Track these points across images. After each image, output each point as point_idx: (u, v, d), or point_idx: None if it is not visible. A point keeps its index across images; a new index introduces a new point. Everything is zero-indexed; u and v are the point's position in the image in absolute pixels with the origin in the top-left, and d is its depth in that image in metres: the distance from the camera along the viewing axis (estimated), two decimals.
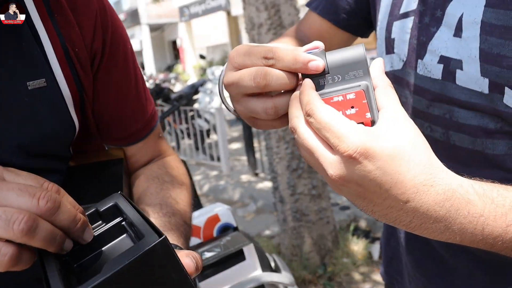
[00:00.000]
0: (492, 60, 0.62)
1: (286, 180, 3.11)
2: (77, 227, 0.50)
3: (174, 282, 0.46)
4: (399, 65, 0.76)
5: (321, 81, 0.50)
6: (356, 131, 0.44)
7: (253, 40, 3.03)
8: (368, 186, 0.45)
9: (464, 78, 0.65)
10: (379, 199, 0.46)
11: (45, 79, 0.68)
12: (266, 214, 4.35)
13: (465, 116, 0.67)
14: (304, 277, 3.06)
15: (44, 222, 0.47)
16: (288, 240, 3.23)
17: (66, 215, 0.49)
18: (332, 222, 3.26)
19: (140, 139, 0.88)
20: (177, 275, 0.46)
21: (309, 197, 3.12)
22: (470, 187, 0.48)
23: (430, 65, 0.70)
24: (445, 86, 0.68)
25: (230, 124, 7.70)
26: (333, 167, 0.45)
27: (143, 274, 0.44)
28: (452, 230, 0.47)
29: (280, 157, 3.10)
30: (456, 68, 0.66)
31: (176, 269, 0.46)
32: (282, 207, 3.20)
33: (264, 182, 5.29)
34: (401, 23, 0.75)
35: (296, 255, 3.21)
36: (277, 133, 3.06)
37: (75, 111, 0.75)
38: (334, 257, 3.21)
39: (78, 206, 0.52)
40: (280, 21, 2.91)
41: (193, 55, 23.45)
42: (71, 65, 0.73)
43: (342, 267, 3.12)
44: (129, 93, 0.84)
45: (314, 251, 3.18)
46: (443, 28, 0.68)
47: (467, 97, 0.66)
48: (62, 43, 0.72)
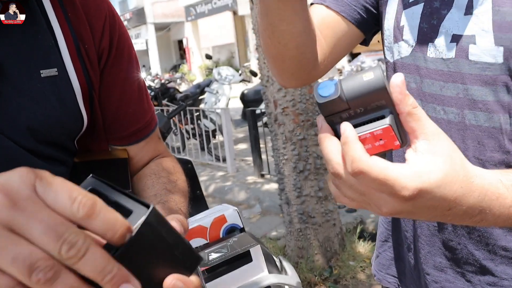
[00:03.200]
0: (506, 28, 0.65)
1: (292, 182, 3.10)
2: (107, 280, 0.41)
3: (171, 245, 0.47)
4: (407, 51, 0.78)
5: (343, 115, 0.49)
6: (406, 177, 0.46)
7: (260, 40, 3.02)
8: (418, 212, 0.50)
9: (477, 52, 0.69)
10: (426, 216, 0.52)
11: (56, 69, 0.74)
12: (272, 216, 4.34)
13: (479, 92, 0.70)
14: (310, 280, 3.04)
15: (67, 274, 0.39)
16: (294, 242, 3.22)
17: (93, 265, 0.40)
18: (338, 225, 3.24)
19: (142, 138, 0.92)
20: (172, 238, 0.47)
21: (315, 199, 3.10)
22: (499, 182, 0.54)
23: (442, 46, 0.72)
24: (458, 63, 0.71)
25: (236, 125, 7.69)
26: (388, 206, 0.49)
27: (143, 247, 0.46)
28: (486, 220, 0.54)
29: (287, 159, 3.08)
30: (469, 44, 0.69)
31: (171, 233, 0.47)
32: (288, 209, 3.18)
33: (270, 183, 5.28)
34: (411, 10, 0.77)
35: (302, 257, 3.19)
36: (284, 134, 3.05)
37: (84, 105, 0.79)
38: (340, 259, 3.19)
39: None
40: None
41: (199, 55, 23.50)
42: (81, 60, 0.78)
43: (348, 270, 3.10)
44: (132, 94, 0.89)
45: (320, 253, 3.16)
46: (453, 9, 0.71)
47: (481, 70, 0.69)
48: (74, 38, 0.78)
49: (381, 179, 0.46)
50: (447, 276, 0.82)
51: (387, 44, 0.84)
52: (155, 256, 0.47)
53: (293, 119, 3.01)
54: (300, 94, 2.98)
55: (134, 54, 0.90)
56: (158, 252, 0.47)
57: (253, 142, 5.54)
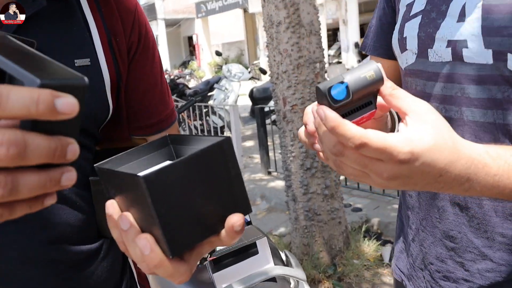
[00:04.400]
0: (493, 32, 0.73)
1: (299, 179, 3.12)
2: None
3: (232, 178, 0.50)
4: (412, 58, 0.87)
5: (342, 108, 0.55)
6: (401, 142, 0.52)
7: (271, 38, 3.04)
8: (414, 176, 0.54)
9: (470, 55, 0.76)
10: (420, 182, 0.56)
11: (89, 59, 0.77)
12: (278, 213, 4.36)
13: (475, 91, 0.77)
14: (314, 276, 3.06)
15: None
16: (299, 239, 3.24)
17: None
18: (344, 223, 3.26)
19: (163, 129, 0.95)
20: (235, 173, 0.51)
21: (321, 197, 3.12)
22: (486, 153, 0.59)
23: (440, 51, 0.80)
24: (455, 66, 0.79)
25: (244, 122, 7.71)
26: (388, 172, 0.53)
27: (207, 167, 0.48)
28: (474, 188, 0.58)
29: (294, 156, 3.10)
30: (462, 48, 0.77)
31: (235, 167, 0.50)
32: (294, 206, 3.20)
33: (276, 181, 5.30)
34: (411, 23, 0.87)
35: (306, 254, 3.21)
36: (292, 132, 3.07)
37: (111, 95, 0.82)
38: (344, 257, 3.21)
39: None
40: (299, 19, 2.91)
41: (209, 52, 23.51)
42: (112, 51, 0.82)
43: (352, 268, 3.12)
44: (155, 86, 0.92)
45: (324, 250, 3.18)
46: (448, 18, 0.80)
47: (475, 71, 0.76)
48: (106, 31, 0.81)
49: (381, 147, 0.51)
50: (447, 267, 0.87)
51: (397, 54, 0.93)
52: (214, 182, 0.49)
53: (301, 116, 3.02)
54: (309, 92, 2.99)
55: (158, 51, 0.95)
56: (218, 179, 0.49)
57: (261, 139, 5.55)
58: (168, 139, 0.63)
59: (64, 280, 0.78)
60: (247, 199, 0.52)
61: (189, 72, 16.74)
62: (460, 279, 0.86)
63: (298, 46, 2.94)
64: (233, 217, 0.49)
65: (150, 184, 0.44)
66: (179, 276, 0.49)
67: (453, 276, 0.87)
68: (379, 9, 1.04)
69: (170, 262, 0.47)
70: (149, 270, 0.49)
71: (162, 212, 0.45)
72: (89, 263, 0.81)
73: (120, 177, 0.51)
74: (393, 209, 4.08)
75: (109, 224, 0.53)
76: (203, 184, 0.48)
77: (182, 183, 0.47)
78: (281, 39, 2.97)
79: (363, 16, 16.54)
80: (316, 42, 3.00)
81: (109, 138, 0.90)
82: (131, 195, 0.50)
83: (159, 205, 0.45)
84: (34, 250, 0.73)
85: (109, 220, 0.52)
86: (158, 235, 0.47)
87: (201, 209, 0.49)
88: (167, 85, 0.97)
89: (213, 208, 0.50)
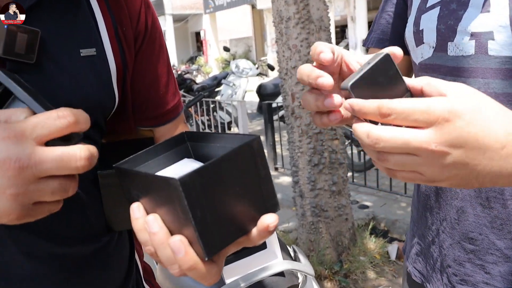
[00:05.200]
0: None
1: (306, 175, 3.12)
2: None
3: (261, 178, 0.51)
4: (429, 52, 0.83)
5: None
6: (436, 100, 0.48)
7: (280, 33, 3.03)
8: (467, 143, 0.48)
9: (496, 47, 0.72)
10: (480, 155, 0.49)
11: (95, 49, 0.76)
12: (284, 209, 4.36)
13: (500, 85, 0.73)
14: (320, 273, 3.06)
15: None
16: (305, 235, 3.24)
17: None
18: (350, 220, 3.25)
19: (169, 120, 0.94)
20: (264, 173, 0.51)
21: (329, 193, 3.11)
22: None
23: (461, 44, 0.76)
24: (479, 59, 0.75)
25: (252, 118, 7.71)
26: (433, 140, 0.48)
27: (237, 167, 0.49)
28: None
29: (302, 152, 3.10)
30: (488, 40, 0.73)
31: (264, 167, 0.51)
32: (301, 202, 3.20)
33: (283, 177, 5.30)
34: (428, 14, 0.82)
35: (313, 250, 3.21)
36: (300, 128, 3.06)
37: (117, 85, 0.81)
38: (351, 254, 3.21)
39: None
40: (309, 15, 2.90)
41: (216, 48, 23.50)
42: (118, 42, 0.81)
43: (359, 265, 3.12)
44: (162, 77, 0.91)
45: (331, 247, 3.18)
46: (470, 9, 0.75)
47: (501, 64, 0.72)
48: (112, 21, 0.80)
49: (410, 107, 0.48)
50: (465, 270, 0.84)
51: (411, 48, 0.88)
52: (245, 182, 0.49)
53: (310, 112, 3.01)
54: None
55: (164, 42, 0.93)
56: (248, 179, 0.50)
57: (268, 135, 5.55)
58: (185, 136, 0.63)
59: (70, 275, 0.77)
60: (275, 198, 0.53)
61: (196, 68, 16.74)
62: (480, 282, 0.82)
63: (308, 42, 2.93)
64: (267, 217, 0.50)
65: (186, 186, 0.44)
66: (211, 277, 0.49)
67: (471, 280, 0.83)
68: (386, 1, 1.00)
69: (203, 264, 0.48)
70: (181, 272, 0.49)
71: (197, 214, 0.45)
72: (96, 259, 0.81)
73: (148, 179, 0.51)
74: (400, 206, 4.07)
75: (135, 227, 0.53)
76: (234, 185, 0.49)
77: (215, 184, 0.47)
78: (291, 35, 2.96)
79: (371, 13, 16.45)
80: (325, 38, 2.99)
81: (114, 130, 0.89)
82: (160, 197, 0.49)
83: (194, 207, 0.45)
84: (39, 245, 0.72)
85: (135, 223, 0.52)
86: (192, 237, 0.47)
87: (233, 210, 0.49)
88: (173, 76, 0.96)
89: (244, 208, 0.50)
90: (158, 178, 0.49)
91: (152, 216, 0.50)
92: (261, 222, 0.49)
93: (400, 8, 0.97)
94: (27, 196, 0.50)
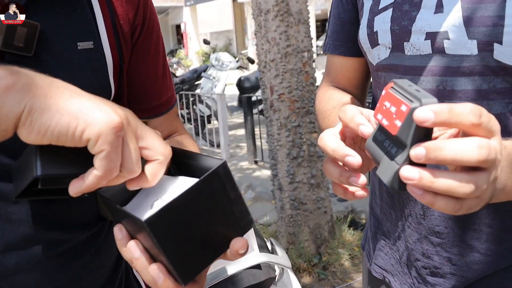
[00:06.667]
0: (477, 22, 0.71)
1: (285, 168, 3.12)
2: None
3: (232, 200, 0.52)
4: (386, 53, 0.85)
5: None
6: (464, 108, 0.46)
7: (259, 26, 3.02)
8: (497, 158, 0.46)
9: (452, 47, 0.74)
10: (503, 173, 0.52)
11: (92, 42, 0.77)
12: (263, 202, 4.36)
13: (459, 82, 0.75)
14: (299, 265, 3.08)
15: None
16: (284, 228, 3.25)
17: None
18: (329, 212, 3.27)
19: (163, 112, 0.96)
20: (234, 195, 0.52)
21: (307, 186, 3.12)
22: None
23: (418, 44, 0.78)
24: (436, 58, 0.77)
25: (232, 111, 7.68)
26: (484, 153, 0.44)
27: (206, 195, 0.50)
28: None
29: (281, 145, 3.10)
30: (443, 39, 0.75)
31: (234, 189, 0.52)
32: (280, 195, 3.21)
33: (262, 170, 5.30)
34: (381, 16, 0.84)
35: (292, 243, 3.22)
36: (279, 121, 3.06)
37: (113, 77, 0.83)
38: (329, 247, 3.23)
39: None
40: (288, 8, 2.90)
41: (197, 41, 23.35)
42: (115, 35, 0.82)
43: (337, 257, 3.14)
44: (158, 70, 0.93)
45: (310, 240, 3.20)
46: (423, 10, 0.78)
47: (458, 63, 0.74)
48: (110, 14, 0.81)
49: (455, 145, 0.43)
50: (434, 263, 0.86)
51: (366, 50, 0.91)
52: (215, 208, 0.51)
53: (288, 105, 3.02)
54: (296, 81, 2.99)
55: (161, 36, 0.95)
56: (218, 205, 0.51)
57: (248, 128, 5.54)
58: None
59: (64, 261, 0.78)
60: (249, 215, 0.54)
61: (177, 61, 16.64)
62: (447, 273, 0.85)
63: (286, 34, 2.93)
64: (236, 242, 0.52)
65: (153, 226, 0.47)
66: None
67: (440, 272, 0.85)
68: (336, 6, 1.02)
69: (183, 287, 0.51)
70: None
71: (168, 247, 0.48)
72: (88, 246, 0.82)
73: (123, 213, 0.53)
74: None
75: (118, 247, 0.56)
76: (204, 213, 0.50)
77: (184, 216, 0.49)
78: (269, 28, 2.95)
79: None
80: (304, 31, 2.98)
81: None
82: (135, 227, 0.52)
83: (165, 242, 0.47)
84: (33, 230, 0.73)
85: (118, 244, 0.56)
86: (168, 266, 0.50)
87: (205, 236, 0.51)
88: (168, 68, 0.98)
89: (218, 232, 0.52)
90: (128, 214, 0.51)
91: (133, 243, 0.53)
92: (231, 248, 0.53)
93: (350, 12, 0.99)
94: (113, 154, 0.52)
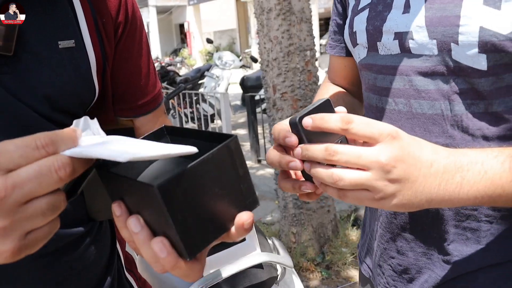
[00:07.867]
0: (436, 22, 0.73)
1: None
2: None
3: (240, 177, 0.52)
4: (364, 53, 0.87)
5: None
6: (381, 123, 0.59)
7: (261, 25, 3.01)
8: (408, 158, 0.57)
9: (416, 46, 0.76)
10: (416, 171, 0.58)
11: (74, 41, 0.76)
12: (267, 201, 4.36)
13: (422, 83, 0.77)
14: (302, 265, 3.07)
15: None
16: (288, 227, 3.24)
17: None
18: (332, 211, 3.27)
19: (150, 111, 0.95)
20: (243, 171, 0.52)
21: None
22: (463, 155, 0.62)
23: (388, 44, 0.80)
24: (403, 58, 0.79)
25: (235, 110, 7.68)
26: (383, 153, 0.57)
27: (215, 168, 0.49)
28: (467, 181, 0.60)
29: None
30: (408, 39, 0.77)
31: (243, 166, 0.52)
32: (284, 194, 3.20)
33: (266, 169, 5.30)
34: (359, 16, 0.86)
35: (295, 242, 3.22)
36: (282, 119, 3.05)
37: (97, 77, 0.82)
38: (333, 246, 3.22)
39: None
40: (290, 6, 2.89)
41: (200, 40, 23.36)
42: (98, 33, 0.81)
43: (341, 257, 3.13)
44: (142, 68, 0.92)
45: (313, 239, 3.19)
46: (393, 10, 0.80)
47: (422, 62, 0.76)
48: (92, 12, 0.80)
49: (366, 126, 0.57)
50: (409, 259, 0.87)
51: (351, 49, 0.93)
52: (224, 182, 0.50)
53: (291, 104, 3.02)
54: (299, 80, 2.98)
55: (145, 34, 0.94)
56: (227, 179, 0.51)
57: (251, 127, 5.54)
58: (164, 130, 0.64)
59: (51, 262, 0.77)
60: (254, 194, 0.54)
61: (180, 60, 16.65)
62: (423, 268, 0.85)
63: (289, 33, 2.92)
64: (242, 215, 0.51)
65: (164, 192, 0.45)
66: (194, 275, 0.51)
67: (415, 267, 0.87)
68: (333, 9, 1.04)
69: (186, 263, 0.49)
70: (164, 271, 0.50)
71: (178, 218, 0.46)
72: (77, 246, 0.81)
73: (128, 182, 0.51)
74: None
75: (117, 224, 0.53)
76: (214, 186, 0.50)
77: (194, 187, 0.48)
78: (272, 26, 2.95)
79: None
80: (307, 30, 2.98)
81: None
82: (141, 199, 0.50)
83: (174, 212, 0.46)
84: None
85: (117, 221, 0.53)
86: (174, 238, 0.48)
87: (213, 210, 0.50)
88: (154, 66, 0.97)
89: (224, 207, 0.51)
90: (137, 183, 0.50)
91: (133, 218, 0.51)
92: (237, 221, 0.51)
93: (340, 13, 1.01)
94: (16, 226, 0.46)
